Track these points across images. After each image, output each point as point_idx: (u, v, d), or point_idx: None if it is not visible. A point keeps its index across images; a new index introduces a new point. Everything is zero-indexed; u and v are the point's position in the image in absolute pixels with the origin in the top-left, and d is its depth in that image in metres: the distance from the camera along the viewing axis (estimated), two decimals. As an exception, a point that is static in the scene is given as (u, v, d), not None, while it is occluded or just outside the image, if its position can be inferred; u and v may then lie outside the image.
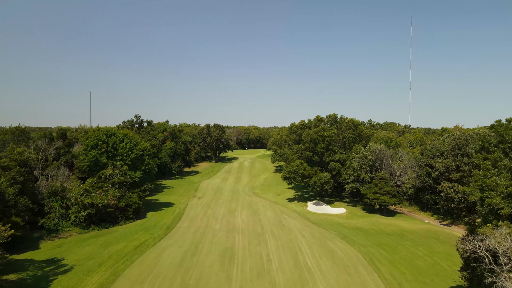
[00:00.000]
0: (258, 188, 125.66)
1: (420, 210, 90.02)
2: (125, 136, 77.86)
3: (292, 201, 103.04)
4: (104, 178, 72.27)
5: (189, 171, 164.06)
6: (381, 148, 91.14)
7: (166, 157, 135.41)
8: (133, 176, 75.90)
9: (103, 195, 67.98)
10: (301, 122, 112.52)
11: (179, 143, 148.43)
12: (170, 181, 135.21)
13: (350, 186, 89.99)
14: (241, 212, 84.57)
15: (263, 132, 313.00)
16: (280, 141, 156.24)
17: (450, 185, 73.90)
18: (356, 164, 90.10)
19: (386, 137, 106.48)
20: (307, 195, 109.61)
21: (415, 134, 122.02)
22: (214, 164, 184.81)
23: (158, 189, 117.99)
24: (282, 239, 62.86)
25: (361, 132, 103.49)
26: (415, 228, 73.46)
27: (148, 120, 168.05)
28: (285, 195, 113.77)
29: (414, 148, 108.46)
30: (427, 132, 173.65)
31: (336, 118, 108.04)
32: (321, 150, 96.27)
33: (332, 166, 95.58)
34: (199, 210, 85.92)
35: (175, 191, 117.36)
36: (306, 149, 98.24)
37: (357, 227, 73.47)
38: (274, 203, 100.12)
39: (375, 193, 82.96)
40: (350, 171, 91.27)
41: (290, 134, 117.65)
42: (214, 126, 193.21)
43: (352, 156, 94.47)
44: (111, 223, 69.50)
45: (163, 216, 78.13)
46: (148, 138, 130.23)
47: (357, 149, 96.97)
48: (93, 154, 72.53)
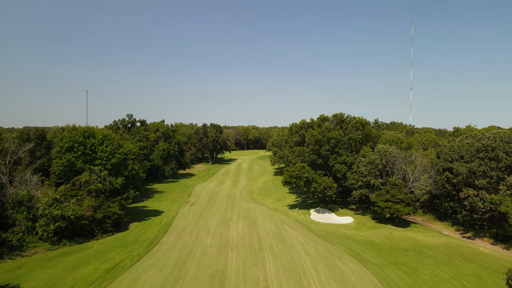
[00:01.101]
0: (257, 193, 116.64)
1: (436, 220, 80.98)
2: (105, 137, 68.85)
3: (293, 208, 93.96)
4: (79, 185, 63.25)
5: (183, 173, 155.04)
6: (392, 150, 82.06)
7: (158, 159, 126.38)
8: (114, 182, 66.88)
9: (77, 205, 58.93)
10: (301, 122, 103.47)
11: (172, 144, 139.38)
12: (162, 185, 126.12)
13: (358, 193, 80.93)
14: (237, 222, 75.52)
15: (262, 132, 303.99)
16: (280, 142, 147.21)
17: (475, 193, 64.82)
18: (364, 168, 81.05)
19: (396, 138, 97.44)
20: (310, 201, 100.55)
21: (426, 134, 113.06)
22: (211, 166, 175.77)
23: (148, 194, 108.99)
24: (282, 257, 53.82)
25: (369, 132, 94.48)
26: (434, 242, 64.42)
27: (141, 120, 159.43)
28: (285, 200, 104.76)
29: (426, 150, 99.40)
30: (437, 133, 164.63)
31: (342, 117, 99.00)
32: (326, 153, 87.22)
33: (337, 168, 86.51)
34: (189, 219, 76.81)
35: (166, 196, 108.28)
36: (310, 151, 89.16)
37: (368, 241, 64.42)
38: (273, 210, 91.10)
39: (387, 201, 73.93)
40: (358, 176, 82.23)
41: (290, 135, 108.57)
42: (211, 126, 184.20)
43: (359, 159, 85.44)
44: (86, 237, 60.45)
45: (147, 227, 69.03)
46: (138, 139, 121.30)
47: (365, 152, 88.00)
48: (68, 157, 63.50)
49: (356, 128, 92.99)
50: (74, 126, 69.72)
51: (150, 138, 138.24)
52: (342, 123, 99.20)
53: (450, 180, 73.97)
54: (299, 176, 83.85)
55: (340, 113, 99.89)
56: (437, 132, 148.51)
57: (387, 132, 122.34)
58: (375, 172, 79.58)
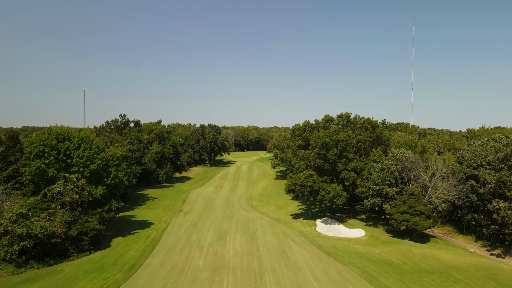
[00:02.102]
0: (257, 199, 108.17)
1: (457, 232, 72.53)
2: (82, 140, 60.37)
3: (297, 218, 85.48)
4: (52, 196, 54.77)
5: (179, 177, 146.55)
6: (409, 155, 73.62)
7: (151, 162, 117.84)
8: (93, 192, 58.43)
9: (47, 221, 50.45)
10: (305, 123, 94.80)
11: (167, 146, 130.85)
12: (156, 190, 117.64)
13: (370, 202, 72.41)
14: (234, 236, 67.06)
15: (262, 133, 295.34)
16: (281, 143, 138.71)
17: (507, 205, 56.35)
18: (377, 175, 72.58)
19: (410, 141, 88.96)
20: (315, 209, 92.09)
21: (440, 136, 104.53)
22: (208, 169, 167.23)
23: (139, 201, 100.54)
24: (287, 284, 45.40)
25: (380, 134, 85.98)
26: (460, 262, 55.94)
27: (135, 120, 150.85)
28: (288, 208, 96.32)
29: (442, 153, 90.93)
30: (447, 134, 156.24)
31: (349, 117, 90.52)
32: (333, 157, 78.73)
33: (345, 175, 78.05)
34: (181, 233, 68.30)
35: (158, 203, 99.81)
36: (316, 155, 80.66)
37: (385, 260, 55.94)
38: (275, 220, 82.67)
39: (404, 213, 65.49)
40: (369, 183, 73.77)
41: (293, 138, 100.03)
42: (209, 127, 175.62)
43: (371, 164, 76.99)
44: (58, 258, 52.00)
45: (132, 244, 60.53)
46: (129, 141, 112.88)
47: (375, 155, 79.57)
48: (37, 164, 54.97)
49: (365, 129, 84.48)
50: (49, 128, 61.10)
51: (143, 139, 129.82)
52: (349, 124, 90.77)
53: (475, 189, 65.57)
54: (304, 184, 75.38)
55: (346, 112, 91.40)
56: (447, 133, 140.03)
57: (395, 133, 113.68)
58: (390, 179, 71.14)
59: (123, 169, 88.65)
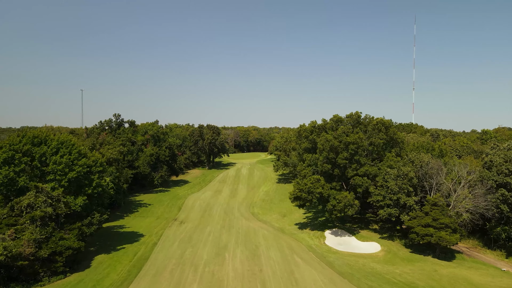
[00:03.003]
0: (258, 206, 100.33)
1: (484, 247, 64.80)
2: (61, 144, 52.61)
3: (303, 228, 77.67)
4: (20, 210, 46.97)
5: (176, 180, 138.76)
6: (428, 160, 65.85)
7: (144, 166, 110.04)
8: (72, 204, 50.63)
9: (11, 241, 42.66)
10: (312, 124, 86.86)
11: (162, 148, 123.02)
12: (150, 195, 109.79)
13: (386, 213, 64.56)
14: (234, 252, 59.26)
15: (263, 134, 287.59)
16: (284, 145, 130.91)
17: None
18: (393, 182, 64.77)
19: (426, 143, 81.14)
20: (322, 218, 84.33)
21: (457, 138, 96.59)
22: (207, 172, 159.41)
23: (130, 208, 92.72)
24: (297, 318, 37.60)
25: (394, 136, 78.17)
26: (496, 286, 48.17)
27: (130, 120, 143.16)
28: (292, 216, 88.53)
29: (461, 158, 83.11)
30: (455, 135, 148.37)
31: (359, 117, 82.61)
32: (344, 162, 70.89)
33: (357, 181, 70.19)
34: (174, 249, 60.48)
35: (152, 210, 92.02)
36: (324, 159, 72.84)
37: (409, 284, 48.11)
38: (279, 231, 74.91)
39: (426, 226, 57.71)
40: (384, 191, 65.97)
41: (299, 139, 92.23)
42: (207, 127, 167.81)
43: (385, 170, 69.24)
44: (26, 283, 44.24)
45: (116, 263, 52.69)
46: (121, 143, 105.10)
47: (389, 159, 71.84)
48: (5, 172, 47.18)
49: (378, 131, 76.65)
50: (24, 130, 53.34)
51: (137, 141, 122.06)
52: (359, 125, 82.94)
53: (507, 198, 57.81)
54: (311, 190, 67.58)
55: (356, 112, 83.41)
56: (462, 135, 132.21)
57: (406, 135, 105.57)
58: (408, 187, 63.33)
59: (112, 173, 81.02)
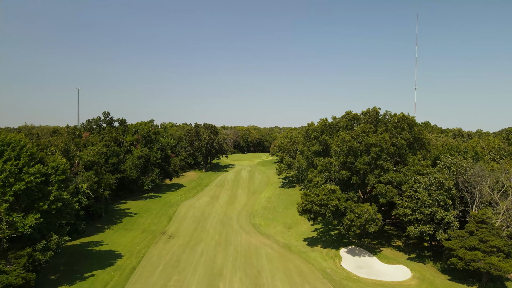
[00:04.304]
0: (260, 215, 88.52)
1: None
2: (8, 146, 40.95)
3: (313, 244, 65.88)
4: None
5: (170, 184, 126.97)
6: (467, 165, 54.06)
7: (132, 169, 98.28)
8: (20, 224, 38.88)
9: None
10: (322, 123, 75.16)
11: (154, 149, 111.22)
12: (138, 202, 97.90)
13: (418, 231, 52.73)
14: (231, 281, 47.53)
15: (264, 134, 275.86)
16: (288, 146, 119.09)
17: None
18: (425, 193, 53.01)
19: (457, 145, 69.38)
20: (334, 231, 72.63)
21: (487, 139, 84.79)
22: (204, 175, 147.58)
23: (114, 218, 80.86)
24: None
25: (419, 135, 66.42)
26: None
27: (120, 119, 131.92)
28: (299, 228, 76.84)
29: (495, 161, 71.25)
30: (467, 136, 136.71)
31: (377, 114, 71.00)
32: (365, 167, 59.08)
33: (380, 190, 58.34)
34: (156, 276, 48.69)
35: (138, 221, 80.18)
36: (340, 165, 61.04)
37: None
38: (285, 248, 63.22)
39: (472, 249, 45.94)
40: (414, 203, 54.18)
41: (307, 140, 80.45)
42: (204, 126, 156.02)
43: (413, 177, 57.54)
44: None
45: (77, 301, 40.95)
46: (104, 143, 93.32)
47: (415, 163, 60.18)
48: None
49: (401, 129, 64.89)
50: None
51: (125, 141, 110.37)
52: (378, 122, 71.30)
53: None
54: (326, 203, 55.78)
55: (374, 108, 71.74)
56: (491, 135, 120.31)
57: (437, 136, 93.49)
58: (445, 199, 51.53)
59: (89, 179, 69.41)
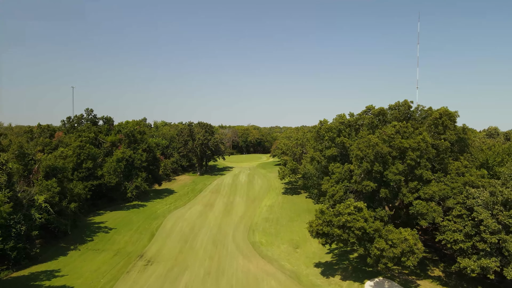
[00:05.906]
0: (260, 230, 74.23)
1: None
2: None
3: (329, 272, 51.68)
4: None
5: (159, 190, 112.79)
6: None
7: (110, 174, 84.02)
8: None
9: None
10: (339, 120, 60.84)
11: (138, 150, 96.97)
12: (119, 213, 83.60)
13: (478, 265, 38.52)
14: None
15: (264, 133, 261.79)
16: (293, 148, 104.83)
17: None
18: (486, 213, 38.88)
19: (507, 148, 55.35)
20: (353, 253, 58.49)
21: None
22: (198, 178, 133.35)
23: (83, 236, 66.55)
24: None
25: (463, 135, 52.28)
26: None
27: (105, 117, 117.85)
28: (308, 248, 62.65)
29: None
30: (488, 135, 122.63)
31: (409, 109, 56.89)
32: (397, 178, 44.81)
33: (420, 209, 44.17)
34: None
35: (112, 239, 65.94)
36: (363, 174, 46.79)
37: None
38: (293, 280, 49.09)
39: None
40: (469, 227, 40.05)
41: (318, 143, 66.19)
42: (199, 125, 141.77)
43: (462, 189, 43.50)
44: None
45: None
46: (78, 145, 79.08)
47: (464, 171, 46.12)
48: None
49: (443, 127, 50.72)
50: None
51: (106, 142, 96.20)
52: (409, 119, 57.23)
53: None
54: (350, 226, 41.50)
55: (405, 101, 57.62)
56: (508, 135, 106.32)
57: (476, 137, 79.24)
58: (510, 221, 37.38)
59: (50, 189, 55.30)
